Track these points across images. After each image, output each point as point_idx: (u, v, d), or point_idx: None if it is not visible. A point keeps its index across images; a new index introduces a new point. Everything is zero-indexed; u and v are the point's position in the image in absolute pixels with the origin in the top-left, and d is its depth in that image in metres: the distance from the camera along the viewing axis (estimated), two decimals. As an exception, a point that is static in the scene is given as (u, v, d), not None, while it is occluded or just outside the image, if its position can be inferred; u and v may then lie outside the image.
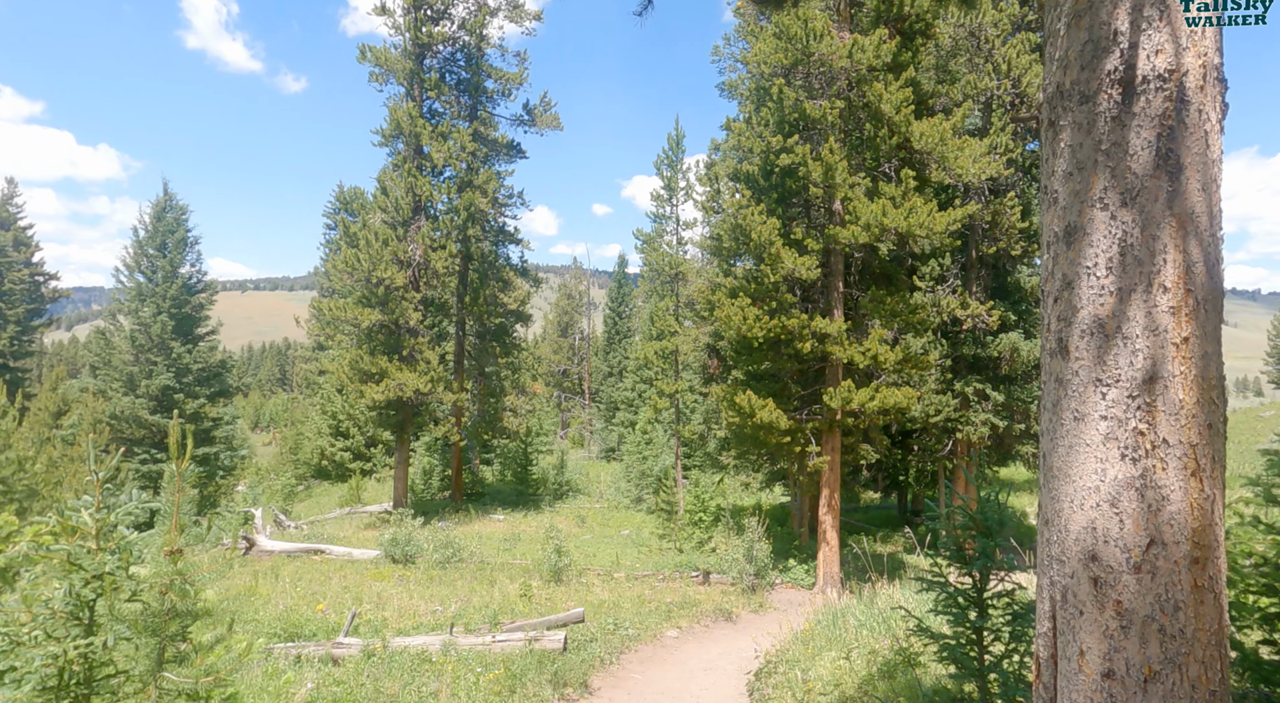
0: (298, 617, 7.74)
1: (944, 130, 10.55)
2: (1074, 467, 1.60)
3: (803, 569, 12.56)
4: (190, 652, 2.96)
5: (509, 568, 11.97)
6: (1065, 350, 1.64)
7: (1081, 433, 1.60)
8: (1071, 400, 1.61)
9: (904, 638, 4.65)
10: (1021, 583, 3.03)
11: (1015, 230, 13.73)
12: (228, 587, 9.86)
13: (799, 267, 10.90)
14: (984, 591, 2.94)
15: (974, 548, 2.87)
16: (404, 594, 9.93)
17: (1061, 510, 1.63)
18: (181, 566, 2.74)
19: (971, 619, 2.88)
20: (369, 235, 16.94)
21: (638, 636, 8.15)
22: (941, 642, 3.09)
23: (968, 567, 2.89)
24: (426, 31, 18.65)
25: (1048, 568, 1.68)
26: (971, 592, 2.91)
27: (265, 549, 13.39)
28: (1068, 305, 1.64)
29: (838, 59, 10.75)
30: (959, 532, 2.92)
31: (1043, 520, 1.73)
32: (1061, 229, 1.66)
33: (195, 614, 2.85)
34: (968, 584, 2.95)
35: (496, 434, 20.70)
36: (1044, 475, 1.74)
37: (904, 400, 10.98)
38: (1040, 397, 2.09)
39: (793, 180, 11.57)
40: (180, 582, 2.76)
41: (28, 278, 34.38)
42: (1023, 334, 13.81)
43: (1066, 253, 1.65)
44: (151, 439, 24.28)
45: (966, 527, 2.89)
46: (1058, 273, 1.68)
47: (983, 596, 2.91)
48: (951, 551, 2.97)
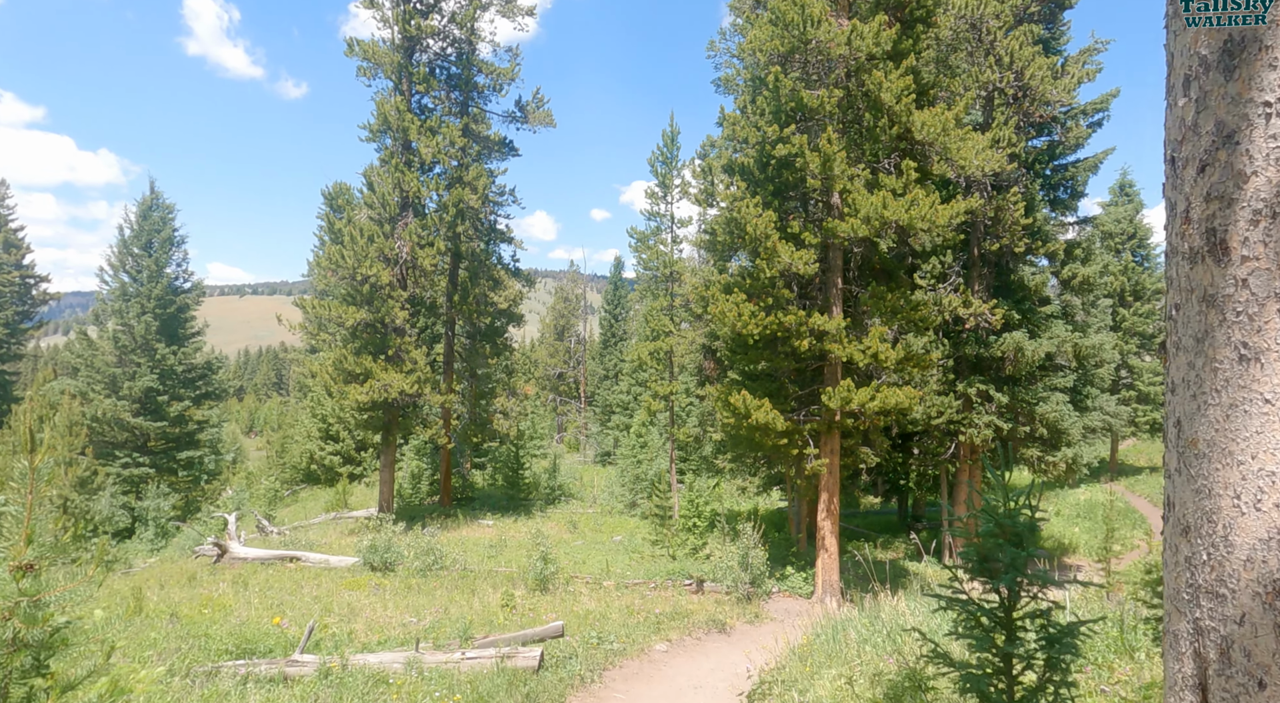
0: (253, 631, 7.18)
1: (946, 120, 10.13)
2: (1241, 438, 1.01)
3: (800, 577, 12.02)
4: (52, 688, 2.42)
5: (493, 576, 11.41)
6: (1223, 248, 1.05)
7: (1255, 382, 1.01)
8: (1235, 329, 1.02)
9: (914, 658, 4.14)
10: (1058, 601, 2.53)
11: (1019, 227, 13.31)
12: (187, 598, 9.29)
13: (796, 261, 10.45)
14: (1013, 610, 2.43)
15: (1001, 559, 2.37)
16: (378, 605, 9.38)
17: (1217, 511, 1.05)
18: (27, 585, 2.21)
19: (999, 644, 2.38)
20: (354, 232, 16.46)
21: (623, 650, 7.60)
22: (962, 670, 2.59)
23: (993, 581, 2.39)
24: (416, 24, 18.26)
25: (1189, 606, 1.11)
26: (998, 611, 2.41)
27: (238, 556, 12.80)
28: (1228, 172, 1.05)
29: (836, 46, 10.34)
30: (982, 539, 2.42)
31: (1176, 528, 1.15)
32: (1218, 47, 1.06)
33: (50, 645, 2.32)
34: (993, 602, 2.44)
35: (487, 437, 20.15)
36: (1176, 456, 1.16)
37: (906, 401, 10.50)
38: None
39: (790, 172, 11.13)
40: (28, 605, 2.23)
41: (18, 280, 33.90)
42: (1027, 333, 13.35)
43: (1225, 85, 1.04)
44: (134, 443, 23.65)
45: (991, 534, 2.40)
46: (1206, 120, 1.07)
47: (1012, 616, 2.42)
48: (974, 562, 2.47)
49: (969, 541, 2.55)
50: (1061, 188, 14.30)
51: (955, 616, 2.50)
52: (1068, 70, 12.97)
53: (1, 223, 34.17)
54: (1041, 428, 13.55)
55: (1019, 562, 2.32)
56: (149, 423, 22.93)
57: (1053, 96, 12.57)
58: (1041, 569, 2.25)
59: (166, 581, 11.65)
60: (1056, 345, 13.20)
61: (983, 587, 2.49)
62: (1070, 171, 14.05)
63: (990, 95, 13.64)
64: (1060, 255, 13.75)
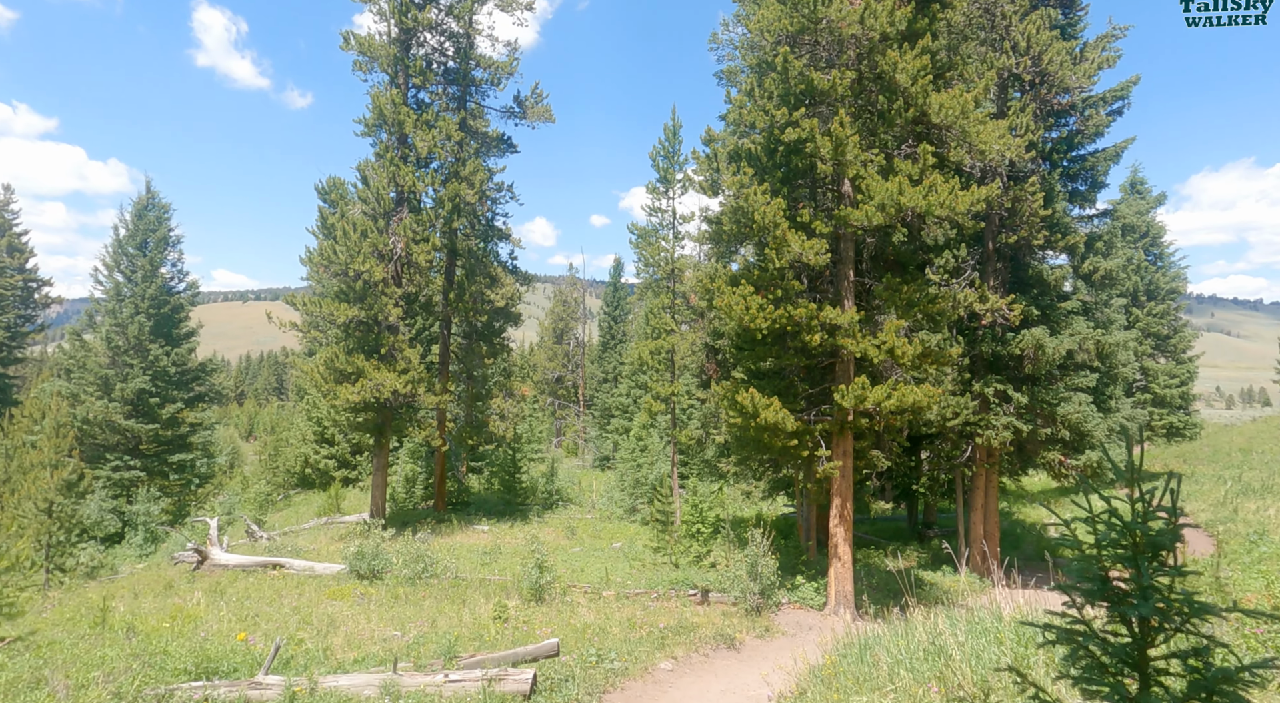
0: (218, 648, 6.57)
1: (966, 102, 9.58)
2: None
3: (812, 587, 11.36)
4: None
5: (486, 585, 10.79)
6: None
7: None
8: None
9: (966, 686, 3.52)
10: (1215, 636, 1.92)
11: (1037, 219, 12.71)
12: (156, 608, 8.68)
13: (807, 251, 9.87)
14: (1149, 646, 1.83)
15: (1131, 579, 1.76)
16: (360, 616, 8.76)
17: None
18: None
19: (1130, 693, 1.75)
20: (346, 226, 15.95)
21: (625, 669, 6.97)
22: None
23: (1119, 609, 1.78)
24: (412, 17, 17.85)
25: None
26: (1129, 648, 1.80)
27: (219, 563, 12.20)
28: None
29: (848, 25, 9.82)
30: (1103, 552, 1.81)
31: None
32: None
33: None
34: (1122, 635, 1.82)
35: (483, 440, 19.56)
36: None
37: (924, 399, 9.88)
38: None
39: (799, 158, 10.58)
40: None
41: (20, 284, 33.65)
42: (1047, 330, 12.73)
43: None
44: (125, 445, 23.10)
45: (1114, 543, 1.78)
46: None
47: (1147, 654, 1.81)
48: (1093, 583, 1.86)
49: (1080, 554, 1.94)
50: (1081, 179, 13.72)
51: (1071, 652, 1.87)
52: (1086, 56, 12.43)
53: (5, 227, 33.95)
54: (1064, 430, 12.89)
55: (1154, 584, 1.71)
56: (141, 425, 22.40)
57: (1072, 82, 12.03)
58: (1189, 593, 1.66)
59: (141, 589, 11.05)
60: (1078, 342, 12.57)
61: (1107, 616, 1.87)
62: (1090, 161, 13.47)
63: (1004, 83, 13.11)
64: (1080, 249, 13.15)
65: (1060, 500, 24.25)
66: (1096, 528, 1.90)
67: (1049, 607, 4.71)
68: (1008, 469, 15.02)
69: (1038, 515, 22.20)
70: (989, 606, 4.64)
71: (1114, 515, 1.83)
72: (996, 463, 14.34)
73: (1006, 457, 14.45)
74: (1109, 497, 1.96)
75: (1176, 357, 26.33)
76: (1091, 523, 1.92)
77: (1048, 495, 25.35)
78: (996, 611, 4.41)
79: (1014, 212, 13.03)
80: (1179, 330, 26.42)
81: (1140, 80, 13.38)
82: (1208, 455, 26.26)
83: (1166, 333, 26.31)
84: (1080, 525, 2.13)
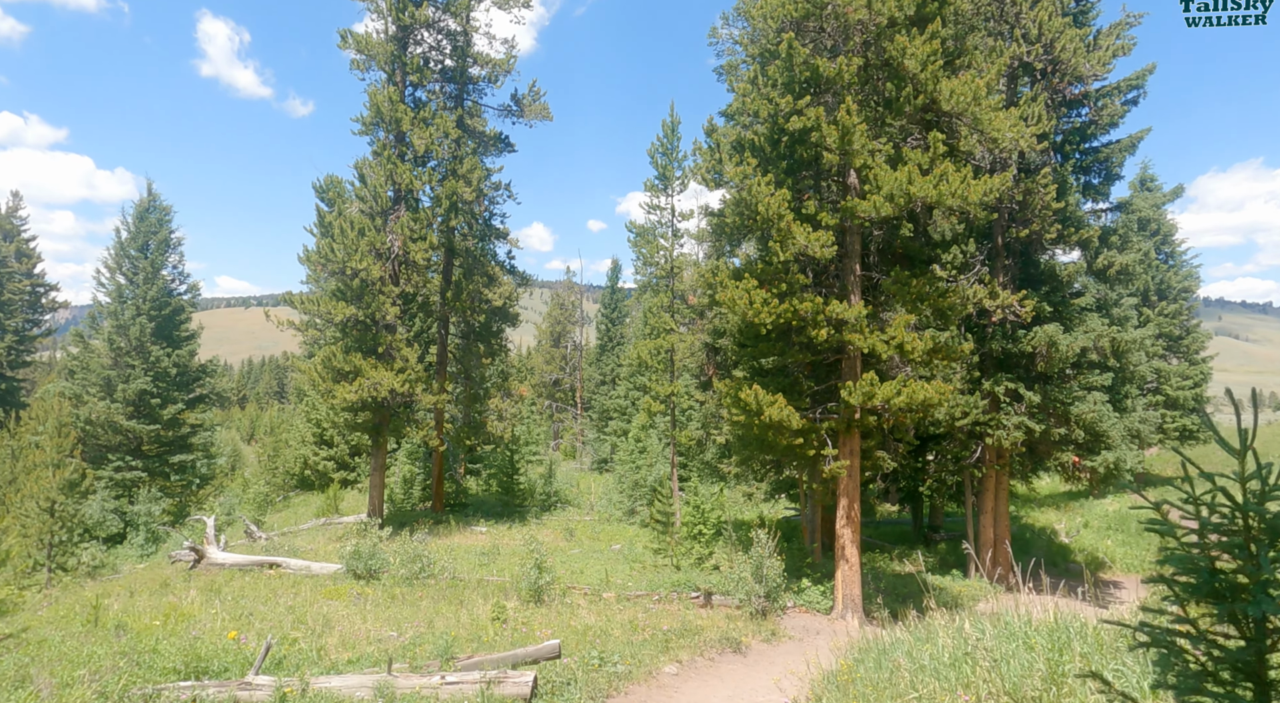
0: (209, 647, 6.34)
1: (978, 88, 9.32)
2: None
3: (818, 591, 11.06)
4: None
5: (484, 586, 10.53)
6: None
7: None
8: None
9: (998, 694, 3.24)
10: None
11: (1049, 212, 12.41)
12: (150, 607, 8.46)
13: (812, 243, 9.61)
14: (1266, 653, 1.53)
15: (1246, 572, 1.45)
16: (356, 616, 8.51)
17: None
18: None
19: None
20: (344, 224, 15.79)
21: (628, 673, 6.70)
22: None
23: (1232, 607, 1.52)
24: (410, 14, 17.73)
25: None
26: (1245, 653, 1.54)
27: (215, 562, 11.99)
28: None
29: (854, 10, 9.59)
30: (1210, 540, 1.50)
31: None
32: None
33: None
34: (1233, 639, 1.56)
35: (481, 440, 19.32)
36: None
37: (935, 396, 9.59)
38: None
39: (804, 148, 10.34)
40: None
41: (28, 289, 33.77)
42: (1060, 326, 12.40)
43: None
44: (127, 446, 22.98)
45: (1227, 530, 1.47)
46: None
47: (1265, 661, 1.54)
48: (1200, 578, 1.56)
49: (1175, 544, 1.62)
50: (1094, 171, 13.41)
51: (1163, 656, 1.57)
52: (1100, 43, 12.16)
53: (14, 233, 34.08)
54: (1078, 430, 12.54)
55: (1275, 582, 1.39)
56: (142, 426, 22.28)
57: (1085, 70, 11.75)
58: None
59: (138, 588, 10.86)
60: (1093, 340, 12.24)
61: (1211, 617, 1.57)
62: (1104, 153, 13.17)
63: (1014, 72, 12.84)
64: (1095, 244, 12.82)
65: (1070, 504, 23.81)
66: (1198, 513, 1.61)
67: (1078, 612, 4.41)
68: (1019, 471, 14.67)
69: (1047, 519, 21.78)
70: (1015, 610, 4.36)
71: (1223, 494, 1.54)
72: (1007, 464, 14.01)
73: (1017, 458, 14.12)
74: (1213, 475, 1.67)
75: (1189, 358, 25.87)
76: (1194, 505, 1.63)
77: (1057, 499, 24.89)
78: (1026, 615, 4.14)
79: (1025, 205, 12.74)
80: (1191, 331, 25.99)
81: (1156, 68, 13.06)
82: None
83: (1179, 333, 25.87)
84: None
